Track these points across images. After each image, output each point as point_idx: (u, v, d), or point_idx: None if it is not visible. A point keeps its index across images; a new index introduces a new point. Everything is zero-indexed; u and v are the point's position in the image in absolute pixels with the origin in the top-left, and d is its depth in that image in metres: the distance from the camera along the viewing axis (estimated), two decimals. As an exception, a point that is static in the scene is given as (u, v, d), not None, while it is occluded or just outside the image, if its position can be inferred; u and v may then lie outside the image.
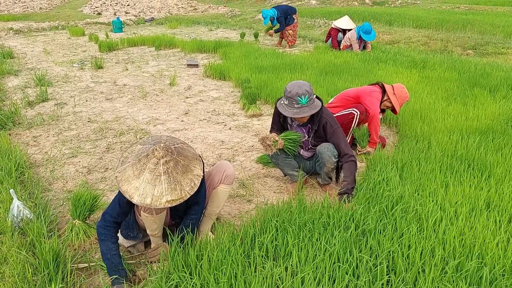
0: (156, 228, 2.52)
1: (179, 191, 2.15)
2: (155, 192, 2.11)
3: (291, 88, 3.08)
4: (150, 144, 2.23)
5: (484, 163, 3.41)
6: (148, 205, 2.10)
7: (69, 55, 9.79)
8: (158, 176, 2.12)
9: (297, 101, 3.05)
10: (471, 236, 2.48)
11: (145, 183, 2.12)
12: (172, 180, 2.14)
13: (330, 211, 2.72)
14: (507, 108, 4.98)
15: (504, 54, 8.80)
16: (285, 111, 3.12)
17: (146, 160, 2.15)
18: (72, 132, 4.80)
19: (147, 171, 2.13)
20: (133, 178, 2.14)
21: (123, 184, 2.16)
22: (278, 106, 3.22)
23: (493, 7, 17.14)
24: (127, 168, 2.19)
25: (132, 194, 2.12)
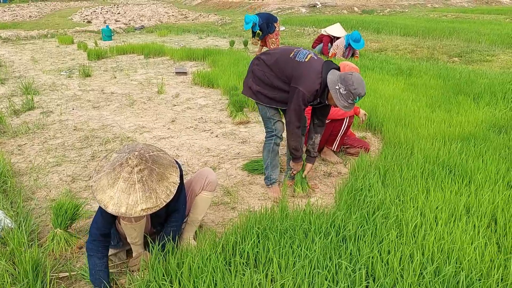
0: (136, 236, 2.52)
1: (154, 199, 2.14)
2: (130, 201, 2.10)
3: (358, 85, 2.99)
4: (125, 152, 2.23)
5: (465, 169, 3.46)
6: (123, 214, 2.09)
7: (57, 63, 9.76)
8: (132, 185, 2.11)
9: (354, 98, 3.02)
10: (450, 241, 2.51)
11: (119, 192, 2.10)
12: (147, 188, 2.13)
13: (311, 218, 2.73)
14: (490, 115, 5.05)
15: (489, 61, 8.94)
16: (339, 101, 3.04)
17: (120, 169, 2.14)
18: (57, 141, 4.79)
19: (121, 180, 2.11)
20: (108, 187, 2.12)
21: (98, 193, 2.14)
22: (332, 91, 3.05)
23: (479, 15, 17.42)
24: (102, 177, 2.18)
25: (107, 204, 2.10)
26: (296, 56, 3.18)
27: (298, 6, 23.59)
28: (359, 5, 23.75)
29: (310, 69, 3.11)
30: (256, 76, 3.35)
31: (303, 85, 3.07)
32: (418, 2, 25.42)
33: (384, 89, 6.27)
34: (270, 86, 3.28)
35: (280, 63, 3.22)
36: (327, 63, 3.16)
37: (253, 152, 4.40)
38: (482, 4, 25.72)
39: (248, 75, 3.45)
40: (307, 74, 3.09)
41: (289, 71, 3.17)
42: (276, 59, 3.25)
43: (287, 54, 3.23)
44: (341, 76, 3.04)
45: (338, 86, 3.03)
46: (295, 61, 3.16)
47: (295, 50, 3.25)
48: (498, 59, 9.01)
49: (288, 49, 3.29)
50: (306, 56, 3.18)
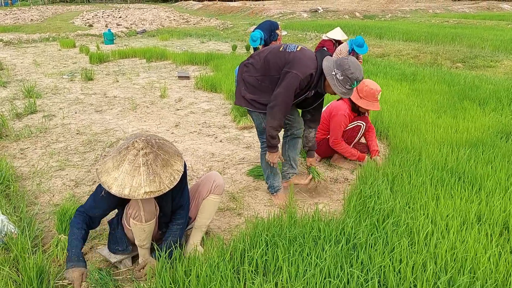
0: (144, 238, 2.47)
1: (158, 183, 2.13)
2: (134, 183, 2.10)
3: (354, 69, 2.92)
4: (131, 138, 2.23)
5: (474, 176, 3.41)
6: (126, 195, 2.09)
7: (59, 66, 9.74)
8: (137, 167, 2.11)
9: (352, 83, 2.95)
10: (463, 250, 2.46)
11: (124, 174, 2.11)
12: (151, 172, 2.13)
13: (320, 225, 2.68)
14: (496, 121, 5.01)
15: (493, 67, 8.91)
16: (336, 88, 2.96)
17: (126, 152, 2.15)
18: (60, 145, 4.74)
19: (127, 162, 2.12)
20: (113, 169, 2.13)
21: (103, 175, 2.15)
22: (329, 78, 2.96)
23: (481, 21, 17.41)
24: (108, 160, 2.19)
25: (111, 185, 2.11)
26: (286, 48, 3.10)
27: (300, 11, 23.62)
28: (361, 10, 23.78)
29: (303, 55, 3.03)
30: (248, 83, 3.20)
31: (297, 68, 2.95)
32: (420, 8, 25.46)
33: (389, 94, 6.24)
34: (264, 91, 3.14)
35: (270, 60, 3.09)
36: (320, 51, 3.10)
37: (257, 157, 4.35)
38: (483, 10, 25.76)
39: (239, 84, 3.28)
40: (300, 59, 3.00)
41: (281, 63, 3.04)
42: (265, 58, 3.12)
43: (276, 49, 3.14)
44: (336, 61, 2.97)
45: (335, 72, 2.95)
46: (287, 52, 3.07)
47: (283, 45, 3.17)
48: (502, 64, 8.98)
49: (275, 46, 3.20)
50: (297, 47, 3.12)
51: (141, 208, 2.33)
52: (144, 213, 2.34)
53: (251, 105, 3.23)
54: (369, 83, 3.85)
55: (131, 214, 2.36)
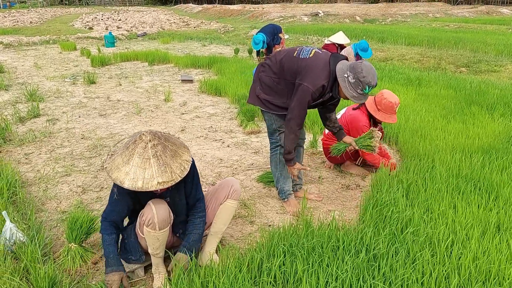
0: (158, 247, 2.40)
1: (169, 173, 2.14)
2: (146, 175, 2.10)
3: (367, 73, 2.84)
4: (137, 133, 2.24)
5: (490, 183, 3.35)
6: (139, 188, 2.08)
7: (61, 69, 9.67)
8: (147, 160, 2.11)
9: (364, 88, 2.87)
10: (486, 260, 2.40)
11: (135, 168, 2.10)
12: (161, 163, 2.13)
13: (338, 234, 2.62)
14: (506, 127, 4.96)
15: (497, 71, 8.88)
16: (347, 91, 2.90)
17: (134, 146, 2.15)
18: (65, 149, 4.67)
19: (136, 156, 2.12)
20: (123, 165, 2.13)
21: (113, 172, 2.14)
22: (341, 80, 2.90)
23: (482, 25, 17.43)
24: (116, 157, 2.19)
25: (123, 180, 2.10)
26: (300, 54, 3.05)
27: (300, 14, 23.62)
28: (361, 14, 23.80)
29: (315, 63, 2.97)
30: (264, 83, 3.20)
31: (308, 80, 2.92)
32: (419, 12, 25.50)
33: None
34: (279, 93, 3.14)
35: (285, 64, 3.08)
36: (334, 55, 3.02)
37: (266, 163, 4.29)
38: (483, 14, 25.82)
39: (255, 83, 3.30)
40: (312, 69, 2.95)
41: (294, 69, 3.03)
42: (280, 61, 3.12)
43: (290, 54, 3.10)
44: (351, 64, 2.90)
45: (347, 74, 2.89)
46: (300, 59, 3.03)
47: (298, 49, 3.12)
48: (506, 69, 8.95)
49: (291, 49, 3.16)
50: (310, 52, 3.05)
51: (155, 215, 2.28)
52: (158, 221, 2.28)
53: (264, 105, 3.22)
54: (388, 95, 3.75)
55: (145, 221, 2.31)
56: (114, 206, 2.39)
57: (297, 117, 3.01)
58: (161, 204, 2.32)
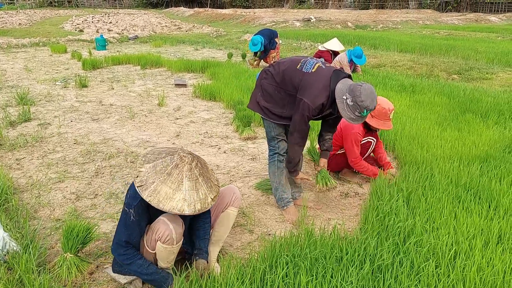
0: (173, 259, 2.40)
1: (214, 187, 2.25)
2: (200, 195, 2.16)
3: (365, 97, 2.78)
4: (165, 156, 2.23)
5: (490, 192, 3.34)
6: (199, 210, 2.13)
7: (52, 72, 9.53)
8: (196, 180, 2.17)
9: (361, 111, 2.82)
10: (491, 271, 2.37)
11: (189, 192, 2.13)
12: (207, 179, 2.22)
13: (342, 244, 2.58)
14: (501, 135, 4.98)
15: (489, 79, 8.95)
16: (344, 112, 2.86)
17: (178, 170, 2.15)
18: (57, 155, 4.57)
19: (186, 179, 2.14)
20: (174, 192, 2.12)
21: (166, 203, 2.10)
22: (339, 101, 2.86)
23: (471, 33, 17.62)
24: (158, 187, 2.12)
25: (182, 207, 2.10)
26: (303, 67, 3.03)
27: (292, 19, 23.68)
28: (352, 20, 23.94)
29: (317, 80, 2.94)
30: (265, 90, 3.18)
31: (308, 97, 2.91)
32: (410, 19, 25.73)
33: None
34: (279, 102, 3.12)
35: (287, 76, 3.06)
36: (336, 73, 2.97)
37: (264, 169, 4.24)
38: (472, 22, 26.13)
39: (257, 88, 3.27)
40: (313, 85, 2.93)
41: (296, 82, 3.00)
42: (283, 71, 3.09)
43: (294, 65, 3.07)
44: (350, 86, 2.85)
45: (346, 96, 2.84)
46: (302, 72, 3.00)
47: (302, 61, 3.09)
48: (498, 77, 9.03)
49: (295, 60, 3.13)
50: (314, 66, 3.01)
51: (173, 231, 2.24)
52: (176, 236, 2.25)
53: (263, 112, 3.20)
54: (382, 101, 3.71)
55: (161, 238, 2.25)
56: (133, 229, 2.30)
57: (299, 131, 3.02)
58: (175, 218, 2.29)
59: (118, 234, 2.32)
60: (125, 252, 2.29)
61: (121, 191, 3.73)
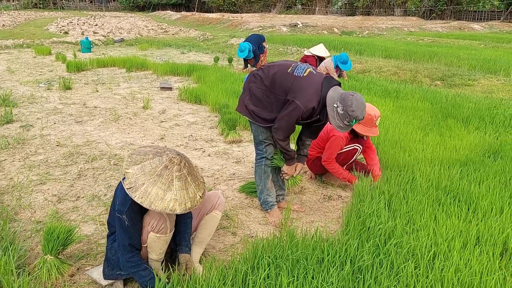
0: (164, 250, 2.45)
1: (201, 185, 2.32)
2: (190, 194, 2.21)
3: (356, 108, 2.80)
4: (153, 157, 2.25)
5: (469, 195, 3.41)
6: (189, 208, 2.19)
7: (35, 74, 9.43)
8: (185, 180, 2.22)
9: (351, 120, 2.85)
10: (468, 272, 2.42)
11: (179, 191, 2.18)
12: (194, 178, 2.28)
13: (323, 245, 2.60)
14: (481, 139, 5.08)
15: (471, 85, 9.12)
16: (334, 120, 2.89)
17: (168, 171, 2.19)
18: (39, 157, 4.52)
19: (176, 180, 2.19)
20: (165, 193, 2.16)
21: (158, 204, 2.14)
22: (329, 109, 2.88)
23: (455, 40, 17.94)
24: (148, 188, 2.15)
25: (173, 207, 2.14)
26: (294, 71, 3.02)
27: (279, 24, 23.82)
28: (338, 26, 24.19)
29: (309, 84, 2.94)
30: (253, 94, 3.15)
31: (301, 99, 2.90)
32: (395, 26, 26.10)
33: (374, 110, 6.25)
34: (268, 106, 3.10)
35: (277, 79, 3.04)
36: (327, 79, 2.99)
37: (248, 172, 4.26)
38: (455, 29, 26.61)
39: (245, 92, 3.25)
40: (305, 88, 2.93)
41: (287, 86, 2.99)
42: (273, 75, 3.07)
43: (284, 69, 3.06)
44: (342, 94, 2.87)
45: (337, 105, 2.85)
46: (293, 76, 3.00)
47: (293, 65, 3.08)
48: (479, 83, 9.20)
49: (285, 64, 3.12)
50: (305, 70, 3.02)
51: (167, 219, 2.33)
52: (169, 224, 2.34)
53: (251, 116, 3.17)
54: (368, 108, 3.67)
55: (154, 228, 2.32)
56: (130, 232, 2.31)
57: (284, 129, 3.00)
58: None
59: (120, 239, 2.32)
60: (131, 259, 2.31)
61: (104, 194, 3.71)
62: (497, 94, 8.38)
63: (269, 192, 3.40)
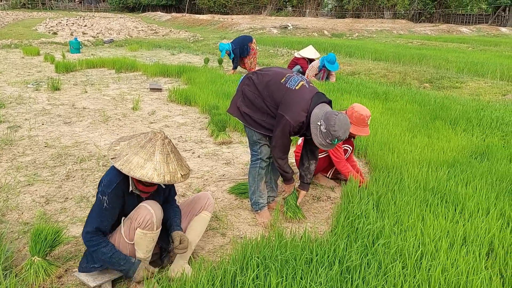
0: (151, 248, 2.45)
1: (185, 167, 2.34)
2: (171, 169, 2.23)
3: (339, 128, 2.84)
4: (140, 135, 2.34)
5: (456, 196, 3.45)
6: (168, 181, 2.21)
7: (23, 75, 9.35)
8: (168, 155, 2.25)
9: (333, 140, 2.89)
10: (455, 272, 2.45)
11: (160, 163, 2.21)
12: (178, 157, 2.31)
13: (312, 246, 2.61)
14: (468, 141, 5.14)
15: (459, 88, 9.22)
16: (316, 138, 2.93)
17: (151, 144, 2.25)
18: (27, 158, 4.48)
19: (158, 152, 2.23)
20: (145, 162, 2.20)
21: (136, 171, 2.19)
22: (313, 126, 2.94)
23: (443, 43, 18.14)
24: (130, 157, 2.23)
25: (152, 175, 2.18)
26: (287, 83, 3.04)
27: (270, 26, 23.89)
28: (328, 28, 24.32)
29: (299, 98, 2.97)
30: (246, 96, 3.18)
31: (289, 114, 2.95)
32: (384, 28, 26.31)
33: (364, 112, 6.29)
34: (259, 110, 3.13)
35: (270, 88, 3.07)
36: (318, 95, 3.03)
37: (238, 174, 4.26)
38: (444, 32, 26.90)
39: (237, 94, 3.28)
40: (295, 103, 2.96)
41: (278, 97, 3.03)
42: (266, 83, 3.10)
43: (278, 78, 3.09)
44: (326, 113, 2.90)
45: (320, 123, 2.89)
46: (286, 87, 3.02)
47: (287, 75, 3.10)
48: (467, 86, 9.31)
49: (279, 73, 3.14)
50: (298, 83, 3.04)
51: (154, 215, 2.33)
52: (156, 220, 2.34)
53: (243, 118, 3.20)
54: (359, 108, 3.75)
55: (141, 224, 2.33)
56: (105, 215, 2.35)
57: (281, 146, 3.09)
58: (155, 204, 2.39)
59: (89, 221, 2.37)
60: (92, 238, 2.34)
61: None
62: (484, 97, 8.48)
63: (261, 194, 3.41)
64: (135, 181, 2.40)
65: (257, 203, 3.40)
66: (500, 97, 8.46)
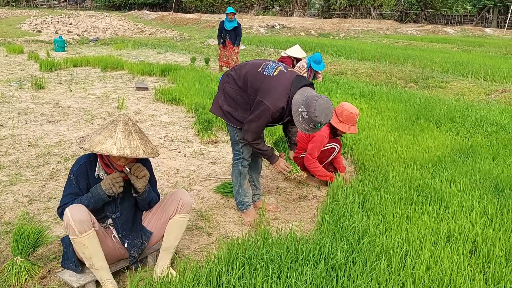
0: (90, 256, 2.32)
1: (150, 147, 2.33)
2: (132, 145, 2.23)
3: (319, 113, 2.78)
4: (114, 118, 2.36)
5: (441, 195, 3.48)
6: (128, 155, 2.19)
7: (6, 73, 9.20)
8: (130, 134, 2.25)
9: (316, 125, 2.84)
10: (438, 269, 2.47)
11: (120, 140, 2.21)
12: (142, 137, 2.32)
13: (297, 245, 2.62)
14: (453, 140, 5.20)
15: (444, 87, 9.33)
16: (299, 124, 2.88)
17: (114, 124, 2.27)
18: (10, 157, 4.41)
19: (119, 130, 2.24)
20: (106, 139, 2.21)
21: (96, 146, 2.20)
22: (294, 113, 2.89)
23: (429, 43, 18.34)
24: (94, 137, 2.26)
25: (110, 149, 2.17)
26: (264, 70, 3.01)
27: (257, 26, 23.88)
28: (315, 28, 24.40)
29: (277, 84, 2.93)
30: (227, 94, 3.15)
31: (269, 99, 2.89)
32: (371, 29, 26.50)
33: (350, 111, 6.33)
34: (242, 106, 3.10)
35: (248, 79, 3.03)
36: (298, 78, 2.97)
37: (224, 173, 4.25)
38: (429, 33, 27.19)
39: (219, 93, 3.24)
40: (273, 88, 2.91)
41: (257, 86, 2.98)
42: (244, 75, 3.06)
43: (255, 68, 3.06)
44: (307, 99, 2.84)
45: (301, 109, 2.85)
46: (263, 75, 2.99)
47: (263, 64, 3.08)
48: (452, 86, 9.43)
49: (256, 64, 3.11)
50: (275, 69, 3.00)
51: (70, 218, 2.23)
52: (74, 222, 2.23)
53: (226, 117, 3.17)
54: (348, 106, 3.76)
55: (65, 229, 2.31)
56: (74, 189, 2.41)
57: (253, 131, 2.99)
58: (77, 206, 2.30)
59: (62, 200, 2.44)
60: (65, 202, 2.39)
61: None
62: (468, 96, 8.60)
63: (245, 192, 3.40)
64: (103, 165, 2.39)
65: (242, 202, 3.39)
66: (484, 97, 8.58)
